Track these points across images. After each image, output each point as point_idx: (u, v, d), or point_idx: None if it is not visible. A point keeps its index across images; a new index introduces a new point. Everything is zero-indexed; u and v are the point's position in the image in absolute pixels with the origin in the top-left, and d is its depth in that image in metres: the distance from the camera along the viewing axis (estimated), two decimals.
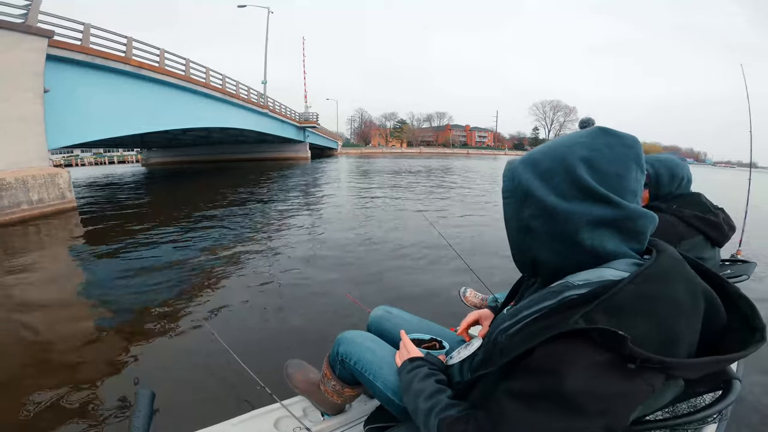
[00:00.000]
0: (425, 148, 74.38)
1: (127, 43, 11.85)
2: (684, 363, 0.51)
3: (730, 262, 1.91)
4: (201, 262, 4.63)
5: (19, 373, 2.33)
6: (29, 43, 8.18)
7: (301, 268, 4.31)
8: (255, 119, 23.50)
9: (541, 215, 0.61)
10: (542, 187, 0.61)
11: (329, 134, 48.99)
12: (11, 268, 4.50)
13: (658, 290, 0.53)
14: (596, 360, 0.50)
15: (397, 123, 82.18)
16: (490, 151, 75.67)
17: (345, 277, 3.97)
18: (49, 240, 6.50)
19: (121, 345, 2.65)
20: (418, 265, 4.32)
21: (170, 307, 3.26)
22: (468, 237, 5.69)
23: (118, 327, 2.93)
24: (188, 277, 4.07)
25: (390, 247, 5.09)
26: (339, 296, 3.25)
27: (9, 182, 7.50)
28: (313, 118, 34.97)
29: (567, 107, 79.49)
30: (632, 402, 0.52)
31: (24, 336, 2.85)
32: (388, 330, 1.14)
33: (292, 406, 1.21)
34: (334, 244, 5.31)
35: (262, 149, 32.54)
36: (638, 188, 0.60)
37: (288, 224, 6.87)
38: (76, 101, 9.96)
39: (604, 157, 0.58)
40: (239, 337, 2.69)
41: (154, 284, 3.82)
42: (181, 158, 30.05)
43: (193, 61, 15.80)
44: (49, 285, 4.10)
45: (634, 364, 0.49)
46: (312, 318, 3.00)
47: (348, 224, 6.72)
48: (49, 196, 8.25)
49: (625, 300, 0.52)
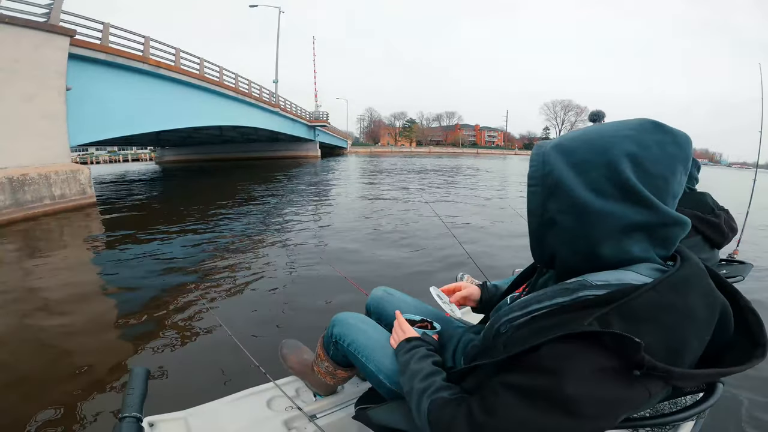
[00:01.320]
0: (434, 147, 74.21)
1: (144, 42, 12.07)
2: (689, 374, 0.50)
3: (727, 262, 1.90)
4: (210, 251, 4.82)
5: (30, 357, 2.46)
6: (53, 42, 8.40)
7: (308, 256, 4.49)
8: (267, 118, 23.73)
9: (570, 211, 0.57)
10: (576, 179, 0.56)
11: (339, 133, 49.19)
12: (33, 260, 4.67)
13: (677, 300, 0.51)
14: (603, 365, 0.49)
15: (407, 122, 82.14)
16: (499, 151, 75.24)
17: (349, 263, 4.16)
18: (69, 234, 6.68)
19: (125, 324, 2.79)
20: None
21: (175, 291, 3.43)
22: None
23: (123, 308, 3.10)
24: (196, 265, 4.23)
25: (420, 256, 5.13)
26: (340, 280, 3.25)
27: (32, 178, 7.72)
28: (323, 117, 35.16)
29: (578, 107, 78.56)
30: (628, 407, 0.51)
31: (42, 323, 3.01)
32: (387, 310, 1.13)
33: (285, 386, 1.21)
34: (349, 237, 5.39)
35: (273, 148, 32.83)
36: (680, 191, 0.56)
37: (297, 219, 7.00)
38: (96, 99, 10.19)
39: (653, 156, 0.53)
40: (238, 317, 2.82)
41: (161, 270, 4.02)
42: (194, 156, 30.49)
43: (207, 60, 16.02)
44: (68, 274, 4.24)
45: (640, 371, 0.48)
46: (311, 300, 3.13)
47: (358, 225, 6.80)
48: (70, 191, 8.48)
49: (643, 307, 0.50)
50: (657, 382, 0.50)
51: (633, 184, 0.52)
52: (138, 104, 11.98)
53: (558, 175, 0.57)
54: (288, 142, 32.14)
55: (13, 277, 4.12)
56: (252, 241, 5.29)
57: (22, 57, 7.75)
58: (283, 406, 1.16)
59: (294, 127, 29.48)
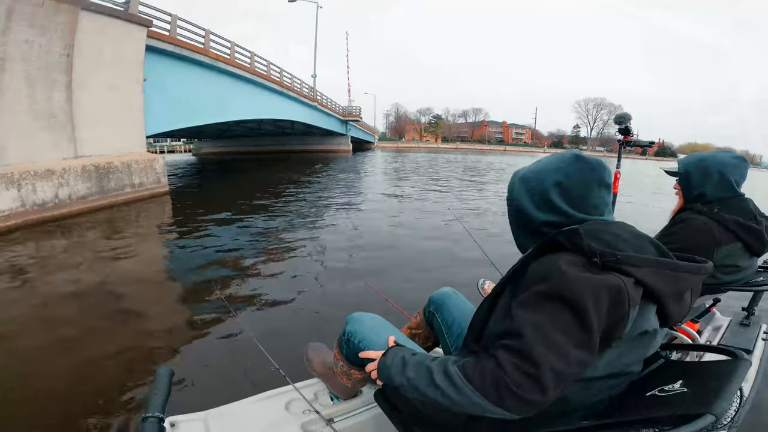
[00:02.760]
0: (461, 144, 73.27)
1: (205, 35, 12.21)
2: (637, 257, 0.66)
3: (765, 270, 1.75)
4: (242, 250, 4.81)
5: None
6: (133, 32, 8.54)
7: (338, 258, 4.40)
8: (306, 112, 23.84)
9: (523, 219, 0.85)
10: (528, 200, 0.82)
11: (368, 128, 49.15)
12: (115, 248, 4.85)
13: (602, 227, 0.73)
14: (571, 259, 0.66)
15: (433, 118, 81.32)
16: (527, 149, 73.50)
17: (374, 269, 4.03)
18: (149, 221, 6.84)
19: (148, 322, 2.87)
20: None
21: (201, 289, 3.45)
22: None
23: (148, 307, 3.14)
24: (222, 265, 4.19)
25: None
26: (365, 285, 3.32)
27: (116, 166, 7.90)
28: (356, 112, 35.14)
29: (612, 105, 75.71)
30: (614, 292, 0.61)
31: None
32: (447, 306, 1.21)
33: (303, 389, 1.23)
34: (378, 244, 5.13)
35: (307, 141, 33.01)
36: (600, 202, 0.78)
37: (333, 222, 6.66)
38: (165, 91, 10.35)
39: (573, 181, 0.77)
40: (260, 320, 2.81)
41: (195, 267, 4.08)
42: (230, 149, 30.93)
43: (257, 54, 16.13)
44: (144, 266, 4.37)
45: (597, 258, 0.65)
46: (336, 304, 3.05)
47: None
48: (147, 180, 8.65)
49: (586, 231, 0.70)
50: (623, 275, 0.64)
51: (557, 203, 0.78)
52: (199, 96, 12.17)
53: (518, 197, 0.84)
54: (321, 135, 32.23)
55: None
56: (285, 242, 5.21)
57: (106, 46, 7.88)
58: (301, 410, 1.17)
59: (329, 121, 29.55)
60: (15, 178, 6.04)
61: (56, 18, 6.76)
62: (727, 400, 0.62)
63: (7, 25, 6.14)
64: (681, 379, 0.69)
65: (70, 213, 6.80)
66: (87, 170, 7.27)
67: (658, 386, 0.70)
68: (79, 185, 7.10)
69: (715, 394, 0.62)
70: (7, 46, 6.17)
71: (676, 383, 0.69)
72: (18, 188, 6.09)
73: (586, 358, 0.61)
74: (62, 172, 6.79)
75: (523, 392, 0.59)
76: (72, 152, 7.30)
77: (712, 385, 0.66)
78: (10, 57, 6.24)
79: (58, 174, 6.71)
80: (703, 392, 0.65)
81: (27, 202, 6.21)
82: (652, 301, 0.68)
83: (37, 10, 6.42)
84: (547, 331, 0.61)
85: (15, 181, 6.04)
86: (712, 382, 0.67)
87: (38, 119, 6.69)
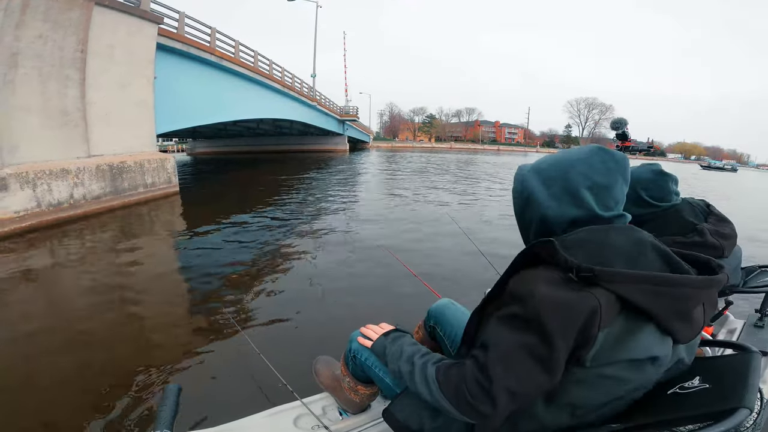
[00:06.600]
0: (455, 143, 73.52)
1: (210, 33, 12.01)
2: (618, 273, 0.61)
3: (762, 269, 1.80)
4: (245, 260, 4.49)
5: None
6: (144, 29, 8.35)
7: (340, 269, 4.09)
8: (306, 111, 23.67)
9: (538, 215, 0.79)
10: (544, 191, 0.77)
11: (363, 128, 48.99)
12: (128, 249, 4.74)
13: (596, 236, 0.69)
14: (547, 276, 0.64)
15: (427, 117, 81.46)
16: (520, 148, 74.11)
17: (383, 280, 3.73)
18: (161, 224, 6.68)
19: (154, 337, 2.77)
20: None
21: (208, 301, 3.32)
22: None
23: (151, 321, 3.04)
24: (226, 276, 3.92)
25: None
26: (373, 299, 3.32)
27: (129, 165, 7.72)
28: (353, 112, 35.02)
29: (603, 105, 76.78)
30: (585, 314, 0.59)
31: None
32: (446, 317, 1.20)
33: (312, 404, 1.24)
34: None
35: (303, 141, 32.78)
36: (622, 196, 0.75)
37: (337, 229, 6.15)
38: (171, 89, 10.15)
39: (598, 171, 0.73)
40: (266, 335, 2.72)
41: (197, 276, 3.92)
42: (225, 149, 30.51)
43: (260, 54, 15.95)
44: (154, 275, 4.18)
45: (573, 274, 0.63)
46: (343, 318, 2.93)
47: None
48: (159, 179, 8.48)
49: (572, 240, 0.69)
50: (598, 289, 0.61)
51: (582, 194, 0.73)
52: (203, 95, 11.97)
53: (531, 190, 0.78)
54: (318, 135, 32.04)
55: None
56: (291, 250, 4.84)
57: (118, 43, 7.70)
58: (309, 425, 1.18)
59: (327, 121, 29.38)
60: (30, 177, 5.86)
61: (70, 13, 6.57)
62: (754, 393, 0.62)
63: (21, 19, 5.94)
64: (698, 376, 0.69)
65: (84, 213, 6.62)
66: (101, 170, 7.09)
67: (677, 384, 0.70)
68: (93, 185, 6.92)
69: (743, 387, 0.63)
70: (21, 41, 5.98)
71: (695, 379, 0.69)
72: (33, 188, 5.90)
73: (544, 381, 0.62)
74: (77, 171, 6.61)
75: (476, 403, 0.65)
76: (85, 151, 7.10)
77: (732, 379, 0.66)
78: (24, 53, 6.03)
79: (73, 173, 6.53)
80: (726, 387, 0.65)
81: (43, 202, 6.03)
82: (648, 321, 0.63)
83: (51, 3, 6.23)
84: (511, 352, 0.63)
85: (30, 181, 5.86)
86: (731, 376, 0.67)
87: (52, 117, 6.50)
